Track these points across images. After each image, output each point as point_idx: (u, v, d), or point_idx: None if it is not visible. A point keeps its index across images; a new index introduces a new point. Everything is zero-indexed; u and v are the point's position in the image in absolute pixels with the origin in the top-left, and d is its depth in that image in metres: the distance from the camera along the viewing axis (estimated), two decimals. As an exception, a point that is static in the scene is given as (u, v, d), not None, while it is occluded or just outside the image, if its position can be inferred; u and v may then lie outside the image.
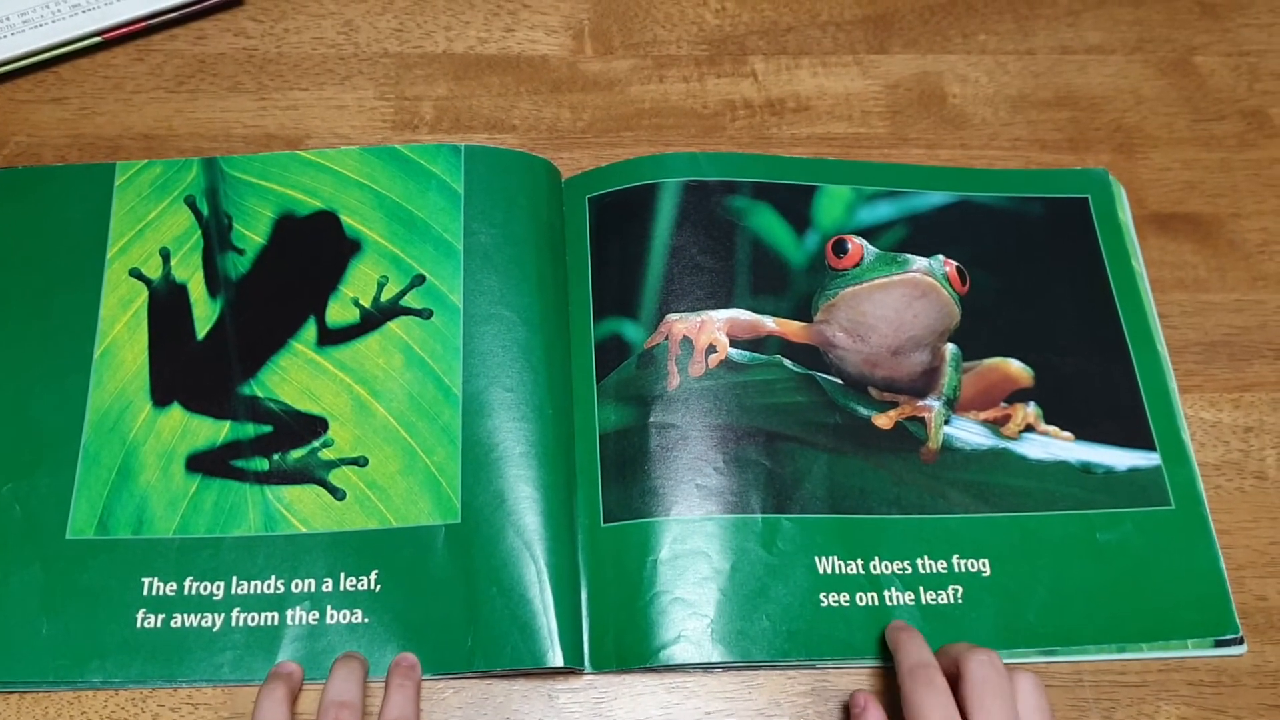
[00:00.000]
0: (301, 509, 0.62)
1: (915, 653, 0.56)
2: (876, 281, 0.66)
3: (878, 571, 0.62)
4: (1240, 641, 0.61)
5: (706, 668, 0.60)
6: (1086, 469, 0.65)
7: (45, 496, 0.62)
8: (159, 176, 0.70)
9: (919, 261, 0.66)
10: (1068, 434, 0.66)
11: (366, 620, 0.59)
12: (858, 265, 0.66)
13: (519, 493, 0.62)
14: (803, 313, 0.68)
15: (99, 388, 0.64)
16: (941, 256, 0.67)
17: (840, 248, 0.67)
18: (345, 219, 0.69)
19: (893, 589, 0.62)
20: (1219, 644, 0.61)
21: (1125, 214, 0.73)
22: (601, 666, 0.59)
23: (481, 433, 0.63)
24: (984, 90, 0.78)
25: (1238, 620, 0.62)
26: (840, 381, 0.66)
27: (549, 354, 0.66)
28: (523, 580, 0.60)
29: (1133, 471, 0.65)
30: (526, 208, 0.69)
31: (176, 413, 0.64)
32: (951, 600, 0.62)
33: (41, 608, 0.59)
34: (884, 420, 0.66)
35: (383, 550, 0.61)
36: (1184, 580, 0.63)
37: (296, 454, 0.63)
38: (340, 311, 0.67)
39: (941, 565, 0.63)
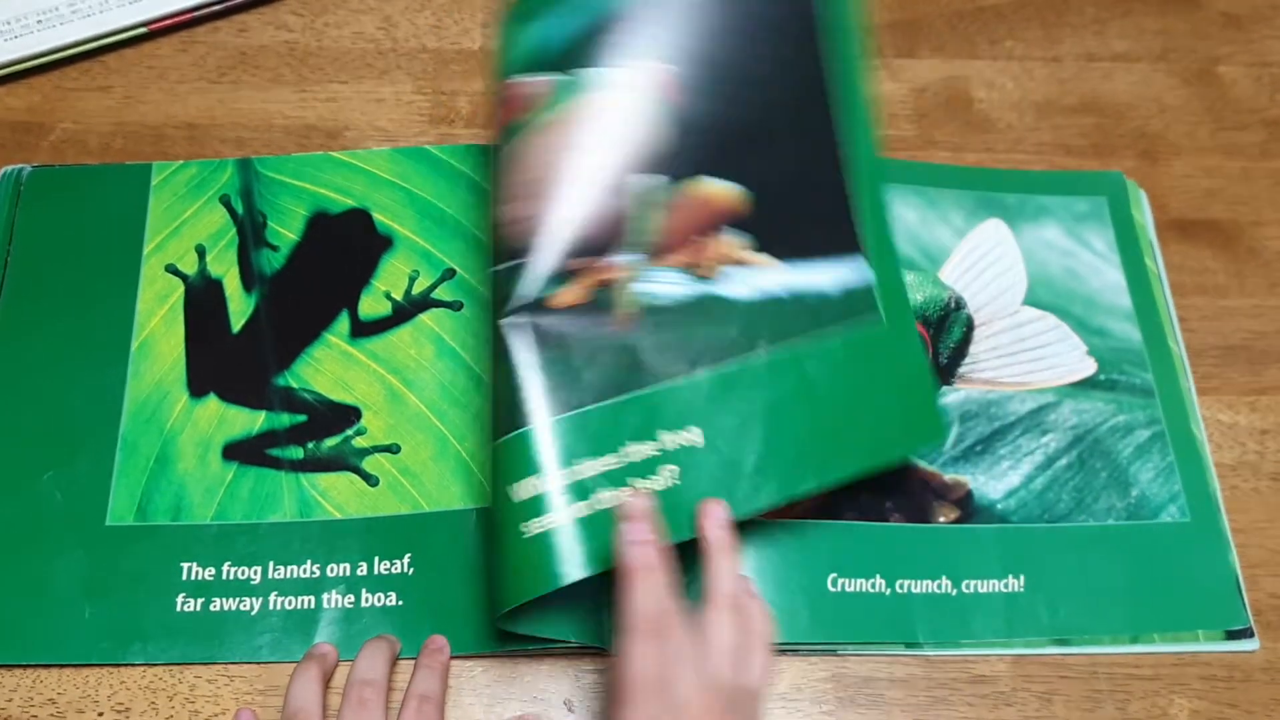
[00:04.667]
0: (336, 495, 0.63)
1: (726, 580, 0.53)
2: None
3: (583, 476, 0.54)
4: (1250, 635, 0.62)
5: None
6: (797, 299, 0.57)
7: (85, 484, 0.63)
8: (194, 177, 0.71)
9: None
10: (772, 259, 0.58)
11: (400, 603, 0.60)
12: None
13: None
14: None
15: (137, 379, 0.65)
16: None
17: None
18: (377, 216, 0.70)
19: (602, 491, 0.54)
20: (1230, 635, 0.62)
21: (1144, 217, 0.74)
22: (607, 642, 0.58)
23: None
24: (1010, 96, 0.79)
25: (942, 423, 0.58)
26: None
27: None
28: (551, 562, 0.60)
29: (846, 294, 0.58)
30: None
31: (213, 403, 0.65)
32: (669, 483, 0.54)
33: (84, 592, 0.60)
34: (568, 295, 0.56)
35: (415, 534, 0.62)
36: (894, 394, 0.58)
37: (331, 442, 0.64)
38: (372, 305, 0.68)
39: (650, 448, 0.54)
